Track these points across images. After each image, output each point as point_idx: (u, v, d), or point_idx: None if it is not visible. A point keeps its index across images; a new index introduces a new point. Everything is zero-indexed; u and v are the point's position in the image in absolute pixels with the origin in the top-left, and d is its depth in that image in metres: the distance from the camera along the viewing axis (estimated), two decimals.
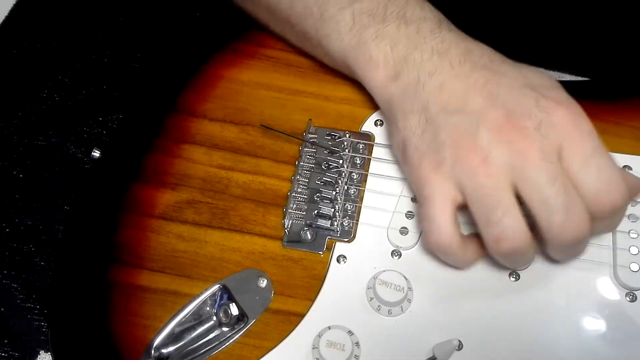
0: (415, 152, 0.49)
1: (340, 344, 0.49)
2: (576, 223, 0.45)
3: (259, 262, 0.53)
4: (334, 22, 0.54)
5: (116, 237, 0.54)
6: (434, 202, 0.47)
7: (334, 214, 0.54)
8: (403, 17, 0.52)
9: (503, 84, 0.48)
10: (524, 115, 0.46)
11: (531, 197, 0.45)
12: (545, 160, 0.45)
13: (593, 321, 0.50)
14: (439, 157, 0.47)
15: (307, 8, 0.55)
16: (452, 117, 0.48)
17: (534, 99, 0.47)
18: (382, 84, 0.52)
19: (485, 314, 0.51)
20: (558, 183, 0.45)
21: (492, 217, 0.46)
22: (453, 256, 0.49)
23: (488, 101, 0.47)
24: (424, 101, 0.49)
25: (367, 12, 0.53)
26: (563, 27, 0.66)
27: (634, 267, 0.51)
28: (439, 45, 0.51)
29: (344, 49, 0.54)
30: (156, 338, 0.50)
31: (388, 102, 0.52)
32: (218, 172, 0.56)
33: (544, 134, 0.46)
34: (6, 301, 0.59)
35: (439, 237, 0.47)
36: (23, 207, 0.63)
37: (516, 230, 0.46)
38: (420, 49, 0.51)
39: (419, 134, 0.49)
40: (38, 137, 0.66)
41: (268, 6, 0.57)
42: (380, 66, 0.52)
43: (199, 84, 0.60)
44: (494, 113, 0.47)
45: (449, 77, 0.49)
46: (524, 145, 0.45)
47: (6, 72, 0.69)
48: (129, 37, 0.71)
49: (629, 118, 0.58)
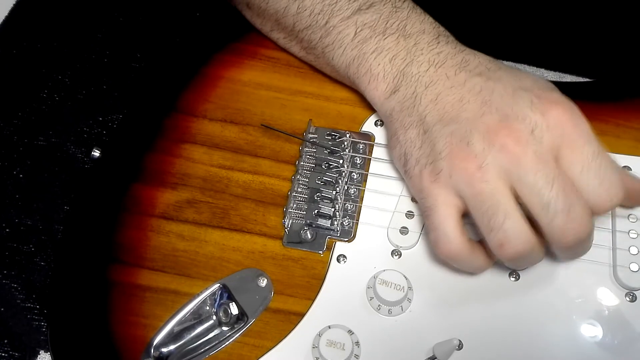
0: (416, 165, 0.49)
1: (340, 343, 0.49)
2: (578, 223, 0.45)
3: (259, 262, 0.53)
4: (336, 33, 0.54)
5: (116, 236, 0.54)
6: (437, 212, 0.48)
7: (334, 213, 0.54)
8: (403, 30, 0.53)
9: (497, 89, 0.48)
10: (517, 118, 0.46)
11: (530, 200, 0.45)
12: (541, 162, 0.45)
13: (593, 321, 0.50)
14: (437, 167, 0.48)
15: (313, 17, 0.55)
16: (448, 127, 0.48)
17: (528, 100, 0.47)
18: (382, 97, 0.53)
19: (485, 314, 0.51)
20: (556, 185, 0.45)
21: (494, 222, 0.46)
22: (464, 262, 0.49)
23: (482, 108, 0.48)
24: (421, 113, 0.50)
25: (369, 25, 0.53)
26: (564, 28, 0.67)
27: (633, 267, 0.51)
28: (435, 57, 0.51)
29: (346, 60, 0.54)
30: (156, 337, 0.50)
31: (388, 115, 0.53)
32: (218, 171, 0.56)
33: (539, 136, 0.46)
34: (6, 301, 0.59)
35: (448, 245, 0.47)
36: (23, 207, 0.62)
37: (519, 234, 0.46)
38: (417, 62, 0.52)
39: (418, 146, 0.50)
40: (38, 137, 0.66)
41: (276, 18, 0.58)
42: (380, 80, 0.53)
43: (199, 84, 0.60)
44: (487, 119, 0.47)
45: (444, 88, 0.50)
46: (519, 149, 0.45)
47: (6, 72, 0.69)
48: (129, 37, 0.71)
49: (629, 119, 0.58)
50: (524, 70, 0.67)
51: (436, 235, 0.48)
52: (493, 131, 0.46)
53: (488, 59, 0.52)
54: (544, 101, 0.47)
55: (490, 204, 0.46)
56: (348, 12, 0.54)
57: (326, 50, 0.55)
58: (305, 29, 0.56)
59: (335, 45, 0.55)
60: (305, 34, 0.56)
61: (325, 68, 0.58)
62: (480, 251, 0.49)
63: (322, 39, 0.55)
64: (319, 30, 0.55)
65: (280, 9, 0.57)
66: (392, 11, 0.54)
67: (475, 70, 0.50)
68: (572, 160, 0.46)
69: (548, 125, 0.46)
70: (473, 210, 0.47)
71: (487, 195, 0.46)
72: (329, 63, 0.56)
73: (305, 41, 0.57)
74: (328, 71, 0.58)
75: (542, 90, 0.48)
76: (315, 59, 0.58)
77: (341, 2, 0.54)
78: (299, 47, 0.59)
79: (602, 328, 0.50)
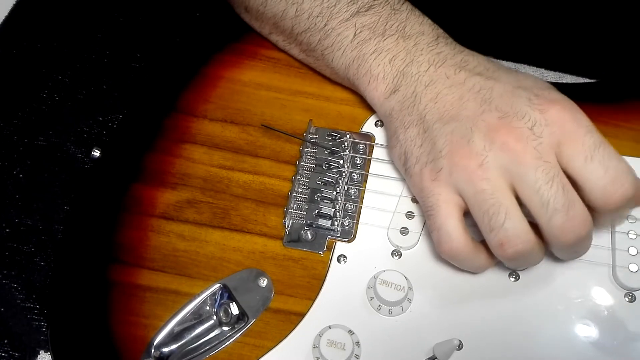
0: (416, 163, 0.49)
1: (340, 343, 0.49)
2: (577, 222, 0.45)
3: (260, 262, 0.53)
4: (336, 35, 0.54)
5: (116, 236, 0.54)
6: (439, 211, 0.48)
7: (335, 213, 0.54)
8: (402, 31, 0.53)
9: (496, 88, 0.48)
10: (517, 116, 0.46)
11: (530, 198, 0.45)
12: (541, 160, 0.45)
13: (592, 321, 0.51)
14: (437, 166, 0.48)
15: (312, 19, 0.55)
16: (448, 125, 0.48)
17: (527, 98, 0.47)
18: (382, 97, 0.53)
19: (485, 314, 0.51)
20: (556, 183, 0.45)
21: (494, 222, 0.46)
22: (467, 262, 0.49)
23: (482, 106, 0.48)
24: (421, 112, 0.50)
25: (368, 26, 0.54)
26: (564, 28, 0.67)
27: (632, 268, 0.52)
28: (435, 57, 0.52)
29: (345, 62, 0.55)
30: (156, 337, 0.50)
31: (388, 115, 0.53)
32: (219, 171, 0.56)
33: (539, 134, 0.46)
34: (6, 301, 0.59)
35: (450, 244, 0.47)
36: (23, 207, 0.62)
37: (519, 233, 0.46)
38: (417, 62, 0.52)
39: (418, 145, 0.50)
40: (38, 137, 0.66)
41: (275, 21, 0.58)
42: (380, 80, 0.53)
43: (199, 84, 0.60)
44: (487, 117, 0.47)
45: (444, 87, 0.50)
46: (519, 147, 0.45)
47: (6, 72, 0.69)
48: (129, 37, 0.71)
49: (629, 120, 0.58)
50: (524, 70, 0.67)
51: (439, 234, 0.48)
52: (493, 129, 0.46)
53: (487, 59, 0.52)
54: (542, 99, 0.47)
55: (491, 203, 0.46)
56: (347, 15, 0.54)
57: (325, 52, 0.55)
58: (304, 32, 0.56)
59: (334, 47, 0.55)
60: (304, 36, 0.56)
61: (325, 70, 0.58)
62: (482, 250, 0.49)
63: (321, 42, 0.55)
64: (318, 33, 0.55)
65: (278, 12, 0.57)
66: (391, 13, 0.54)
67: (475, 70, 0.50)
68: (573, 152, 0.45)
69: (547, 122, 0.46)
70: (473, 209, 0.47)
71: (487, 193, 0.46)
72: (329, 65, 0.56)
73: (305, 44, 0.57)
74: (328, 73, 0.58)
75: (541, 89, 0.48)
76: (314, 61, 0.58)
77: (340, 5, 0.54)
78: (299, 49, 0.59)
79: (602, 328, 0.50)
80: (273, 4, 0.57)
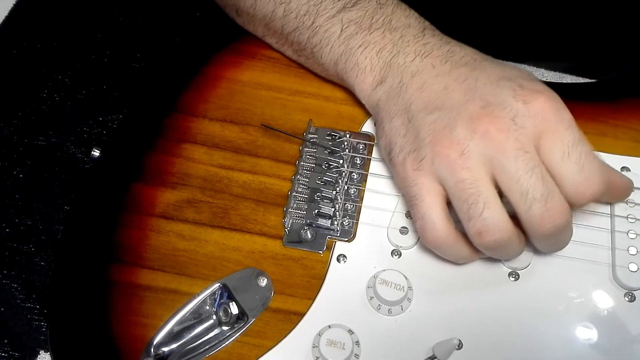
0: (400, 152, 0.50)
1: (340, 342, 0.49)
2: (555, 212, 0.45)
3: (259, 261, 0.53)
4: (323, 31, 0.55)
5: (116, 236, 0.54)
6: (422, 200, 0.48)
7: (334, 213, 0.54)
8: (389, 24, 0.53)
9: (481, 78, 0.49)
10: (500, 105, 0.47)
11: (509, 187, 0.46)
12: (521, 150, 0.45)
13: (592, 321, 0.51)
14: (420, 155, 0.48)
15: (299, 18, 0.56)
16: (432, 115, 0.48)
17: (511, 89, 0.47)
18: (369, 89, 0.54)
19: (485, 314, 0.51)
20: (535, 173, 0.45)
21: (473, 211, 0.46)
22: (451, 250, 0.49)
23: (466, 96, 0.48)
24: (406, 102, 0.50)
25: (355, 21, 0.54)
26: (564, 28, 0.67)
27: (632, 268, 0.52)
28: (421, 48, 0.52)
29: (333, 57, 0.55)
30: (156, 336, 0.50)
31: (375, 106, 0.53)
32: (218, 171, 0.56)
33: (521, 124, 0.46)
34: (6, 301, 0.59)
35: (434, 233, 0.48)
36: (23, 207, 0.63)
37: (497, 223, 0.46)
38: (403, 53, 0.52)
39: (402, 134, 0.50)
40: (38, 137, 0.66)
41: (265, 22, 0.58)
42: (367, 72, 0.53)
43: (199, 84, 0.60)
44: (470, 106, 0.47)
45: (429, 77, 0.50)
46: (500, 136, 0.46)
47: (6, 72, 0.69)
48: (129, 37, 0.71)
49: (627, 120, 0.58)
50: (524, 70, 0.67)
51: (422, 223, 0.48)
52: (476, 118, 0.47)
53: (474, 51, 0.52)
54: (526, 90, 0.47)
55: (471, 192, 0.46)
56: (333, 11, 0.54)
57: (315, 50, 0.56)
58: (293, 31, 0.56)
59: (322, 44, 0.55)
60: (294, 36, 0.56)
61: (317, 68, 0.58)
62: (466, 240, 0.49)
63: (309, 40, 0.56)
64: (306, 31, 0.56)
65: (267, 13, 0.57)
66: (377, 7, 0.54)
67: (461, 60, 0.51)
68: (553, 147, 0.46)
69: (530, 113, 0.46)
70: (453, 198, 0.47)
71: (467, 182, 0.46)
72: (319, 62, 0.56)
73: (295, 43, 0.57)
74: (319, 71, 0.58)
75: (525, 80, 0.48)
76: (306, 60, 0.58)
77: (326, 2, 0.55)
78: (291, 50, 0.59)
79: (602, 328, 0.50)
80: (262, 5, 0.57)
